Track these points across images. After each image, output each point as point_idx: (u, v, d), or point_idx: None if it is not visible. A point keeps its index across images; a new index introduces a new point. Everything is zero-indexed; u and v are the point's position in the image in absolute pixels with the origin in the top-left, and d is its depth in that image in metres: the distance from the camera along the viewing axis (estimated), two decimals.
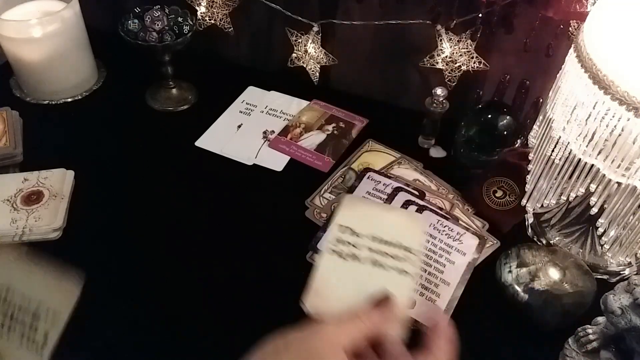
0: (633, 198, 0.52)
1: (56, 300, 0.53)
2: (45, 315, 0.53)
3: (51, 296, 0.54)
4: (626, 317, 0.47)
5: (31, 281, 0.54)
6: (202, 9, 0.86)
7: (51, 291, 0.54)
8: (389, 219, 0.54)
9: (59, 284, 0.54)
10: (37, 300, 0.53)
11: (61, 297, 0.54)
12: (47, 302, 0.53)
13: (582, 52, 0.48)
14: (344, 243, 0.51)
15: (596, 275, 0.61)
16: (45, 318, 0.53)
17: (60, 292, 0.54)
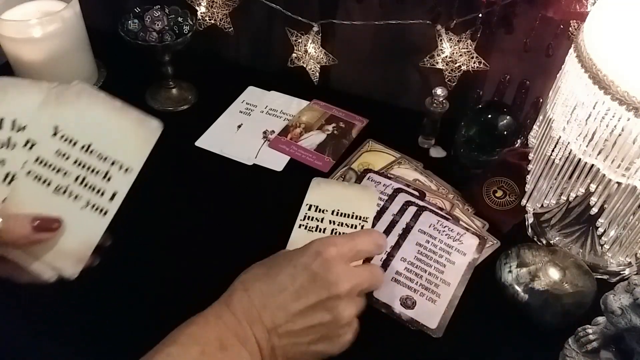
0: (633, 198, 0.52)
1: (130, 154, 0.45)
2: (117, 174, 0.45)
3: (128, 148, 0.45)
4: (626, 317, 0.47)
5: (112, 127, 0.44)
6: (202, 9, 0.86)
7: (129, 141, 0.45)
8: (347, 194, 0.66)
9: (137, 130, 0.45)
10: (113, 157, 0.44)
11: (136, 148, 0.45)
12: (123, 156, 0.45)
13: (582, 52, 0.48)
14: (310, 219, 0.65)
15: (596, 275, 0.61)
16: (116, 178, 0.45)
17: (136, 141, 0.45)
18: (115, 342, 0.58)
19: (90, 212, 0.43)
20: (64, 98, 0.43)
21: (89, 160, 0.42)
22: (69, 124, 0.42)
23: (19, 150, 0.42)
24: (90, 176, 0.42)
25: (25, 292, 0.62)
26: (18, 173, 0.42)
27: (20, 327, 0.59)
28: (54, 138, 0.42)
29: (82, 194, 0.42)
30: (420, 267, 0.63)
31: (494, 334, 0.60)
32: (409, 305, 0.60)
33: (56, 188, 0.42)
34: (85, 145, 0.42)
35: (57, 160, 0.42)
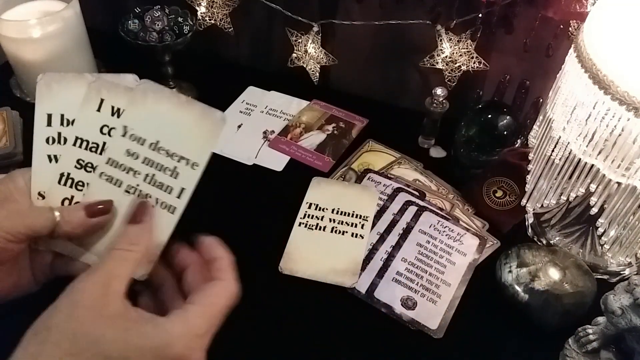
0: (633, 198, 0.52)
1: (197, 148, 0.42)
2: (184, 169, 0.42)
3: (194, 142, 0.42)
4: (626, 317, 0.47)
5: (179, 123, 0.42)
6: (202, 9, 0.86)
7: (195, 135, 0.42)
8: (348, 194, 0.68)
9: (202, 123, 0.42)
10: (180, 152, 0.42)
11: (202, 142, 0.42)
12: (189, 152, 0.42)
13: (582, 52, 0.48)
14: (310, 217, 0.66)
15: (596, 276, 0.61)
16: (183, 174, 0.43)
17: (202, 135, 0.42)
18: None
19: (160, 210, 0.42)
20: (131, 98, 0.43)
21: (157, 158, 0.41)
22: (138, 123, 0.42)
23: (69, 148, 0.42)
24: (159, 174, 0.41)
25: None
26: (92, 176, 0.42)
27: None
28: (124, 138, 0.42)
29: (152, 193, 0.41)
30: (420, 267, 0.63)
31: (494, 334, 0.60)
32: (410, 306, 0.60)
33: (127, 188, 0.42)
34: (154, 143, 0.41)
35: (127, 160, 0.42)
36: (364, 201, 0.68)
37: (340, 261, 0.63)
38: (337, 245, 0.64)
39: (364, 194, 0.69)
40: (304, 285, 0.61)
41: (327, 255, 0.64)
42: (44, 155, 0.42)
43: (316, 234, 0.66)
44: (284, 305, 0.61)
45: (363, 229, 0.65)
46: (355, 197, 0.69)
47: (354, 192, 0.70)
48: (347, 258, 0.63)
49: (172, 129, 0.41)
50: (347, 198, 0.68)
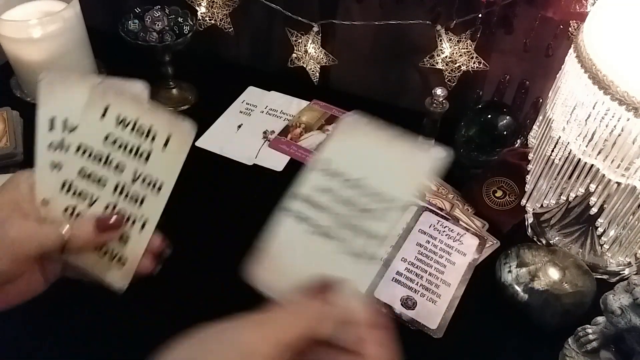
0: (633, 198, 0.52)
1: (401, 188, 0.35)
2: (388, 210, 0.35)
3: (398, 182, 0.36)
4: (626, 317, 0.47)
5: (385, 161, 0.37)
6: (202, 9, 0.86)
7: (400, 176, 0.36)
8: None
9: (408, 163, 0.37)
10: (386, 193, 0.35)
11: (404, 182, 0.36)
12: (394, 192, 0.35)
13: (582, 52, 0.49)
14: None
15: (596, 275, 0.61)
16: (390, 214, 0.35)
17: (406, 175, 0.36)
18: (115, 342, 0.58)
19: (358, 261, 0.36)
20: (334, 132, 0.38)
21: (359, 197, 0.35)
22: (341, 158, 0.37)
23: None
24: (362, 215, 0.35)
25: None
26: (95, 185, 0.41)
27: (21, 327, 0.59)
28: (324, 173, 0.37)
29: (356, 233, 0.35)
30: (420, 267, 0.63)
31: (494, 334, 0.60)
32: (410, 306, 0.60)
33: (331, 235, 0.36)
34: (357, 179, 0.36)
35: (327, 199, 0.37)
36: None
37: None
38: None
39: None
40: None
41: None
42: (47, 161, 0.41)
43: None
44: None
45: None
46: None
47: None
48: None
49: (377, 167, 0.36)
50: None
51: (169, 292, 0.62)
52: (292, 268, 0.37)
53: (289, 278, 0.36)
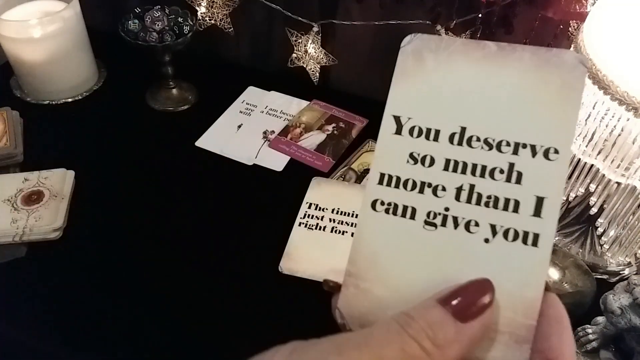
0: (632, 198, 0.52)
1: (548, 124, 0.24)
2: (530, 164, 0.24)
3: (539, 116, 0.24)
4: (626, 317, 0.47)
5: None
6: (202, 9, 0.86)
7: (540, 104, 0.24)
8: (348, 194, 0.66)
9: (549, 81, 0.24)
10: (517, 138, 0.24)
11: (554, 112, 0.24)
12: (535, 134, 0.23)
13: (582, 52, 0.49)
14: (310, 217, 0.65)
15: (596, 275, 0.61)
16: (530, 173, 0.24)
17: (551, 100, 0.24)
18: (116, 342, 0.58)
19: (509, 247, 0.23)
20: None
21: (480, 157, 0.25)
22: None
23: None
24: (485, 183, 0.25)
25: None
26: None
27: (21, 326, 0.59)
28: None
29: (486, 220, 0.24)
30: None
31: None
32: None
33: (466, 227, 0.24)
34: None
35: None
36: None
37: (340, 261, 0.62)
38: (337, 245, 0.64)
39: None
40: (304, 285, 0.61)
41: (327, 255, 0.64)
42: None
43: (316, 234, 0.66)
44: (284, 305, 0.61)
45: None
46: (355, 197, 0.69)
47: (354, 192, 0.70)
48: (347, 258, 0.63)
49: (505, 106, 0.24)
50: (347, 198, 0.69)
51: (168, 291, 0.62)
52: (405, 286, 0.24)
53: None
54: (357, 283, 0.26)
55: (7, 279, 0.62)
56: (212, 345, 0.58)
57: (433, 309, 0.22)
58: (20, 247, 0.64)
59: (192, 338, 0.58)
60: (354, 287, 0.26)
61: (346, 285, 0.26)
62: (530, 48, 0.26)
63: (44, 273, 0.63)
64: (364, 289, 0.25)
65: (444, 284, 0.23)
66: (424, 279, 0.24)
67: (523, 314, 0.23)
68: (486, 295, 0.22)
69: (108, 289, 0.62)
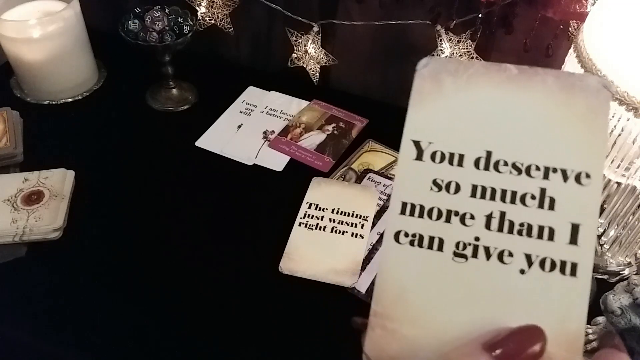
0: (633, 198, 0.52)
1: (579, 148, 0.23)
2: (562, 190, 0.23)
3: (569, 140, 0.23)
4: (626, 317, 0.47)
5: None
6: (202, 9, 0.86)
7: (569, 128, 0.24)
8: (348, 194, 0.66)
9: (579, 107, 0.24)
10: (549, 163, 0.24)
11: (584, 135, 0.23)
12: (566, 158, 0.23)
13: (582, 52, 0.49)
14: (310, 217, 0.65)
15: (596, 275, 0.61)
16: (562, 199, 0.23)
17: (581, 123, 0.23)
18: (116, 341, 0.58)
19: (545, 277, 0.22)
20: None
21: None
22: None
23: None
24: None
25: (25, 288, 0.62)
26: None
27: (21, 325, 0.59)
28: None
29: (525, 250, 0.23)
30: None
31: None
32: None
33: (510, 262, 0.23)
34: None
35: None
36: (364, 201, 0.68)
37: (340, 261, 0.63)
38: (337, 245, 0.64)
39: (364, 194, 0.69)
40: (304, 285, 0.61)
41: (327, 255, 0.63)
42: None
43: (316, 234, 0.65)
44: (284, 305, 0.61)
45: (363, 228, 0.65)
46: (355, 197, 0.69)
47: (354, 192, 0.70)
48: (348, 258, 0.63)
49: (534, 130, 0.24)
50: (347, 198, 0.68)
51: (168, 292, 0.62)
52: (438, 325, 0.23)
53: (435, 341, 0.23)
54: (385, 323, 0.24)
55: (7, 279, 0.62)
56: (212, 345, 0.58)
57: (478, 356, 0.20)
58: (20, 247, 0.64)
59: (192, 338, 0.58)
60: (381, 328, 0.24)
61: (372, 327, 0.24)
62: (552, 72, 0.24)
63: (44, 273, 0.63)
64: (392, 329, 0.23)
65: (480, 322, 0.22)
66: (458, 316, 0.22)
67: (566, 348, 0.21)
68: (537, 344, 0.21)
69: (108, 289, 0.62)
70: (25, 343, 0.59)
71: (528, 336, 0.21)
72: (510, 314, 0.22)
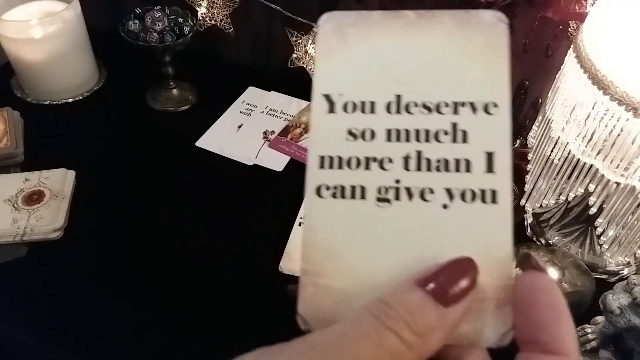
0: (632, 198, 0.52)
1: (482, 81, 0.23)
2: (473, 121, 0.22)
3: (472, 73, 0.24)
4: (625, 317, 0.47)
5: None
6: (202, 9, 0.86)
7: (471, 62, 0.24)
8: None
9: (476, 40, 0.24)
10: (457, 98, 0.23)
11: (486, 67, 0.23)
12: (472, 91, 0.23)
13: (582, 52, 0.49)
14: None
15: (595, 275, 0.61)
16: (475, 130, 0.23)
17: (482, 56, 0.24)
18: (116, 341, 0.58)
19: (469, 208, 0.22)
20: None
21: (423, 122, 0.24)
22: None
23: None
24: (432, 147, 0.23)
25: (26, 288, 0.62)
26: None
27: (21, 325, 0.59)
28: None
29: (440, 184, 0.23)
30: None
31: None
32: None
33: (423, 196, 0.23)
34: None
35: None
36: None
37: None
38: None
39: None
40: None
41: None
42: None
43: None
44: (284, 306, 0.61)
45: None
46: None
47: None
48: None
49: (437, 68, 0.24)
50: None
51: (169, 292, 0.62)
52: (369, 272, 0.22)
53: (368, 289, 0.22)
54: (316, 281, 0.23)
55: (7, 279, 0.62)
56: (212, 345, 0.58)
57: (411, 293, 0.20)
58: (20, 247, 0.64)
59: (192, 338, 0.58)
60: (313, 285, 0.23)
61: (304, 286, 0.23)
62: (448, 12, 0.24)
63: (45, 273, 0.63)
64: (324, 285, 0.23)
65: (411, 262, 0.21)
66: (389, 261, 0.22)
67: (497, 275, 0.21)
68: (469, 275, 0.20)
69: (108, 289, 0.62)
70: (26, 343, 0.59)
71: (459, 268, 0.21)
72: (439, 250, 0.22)
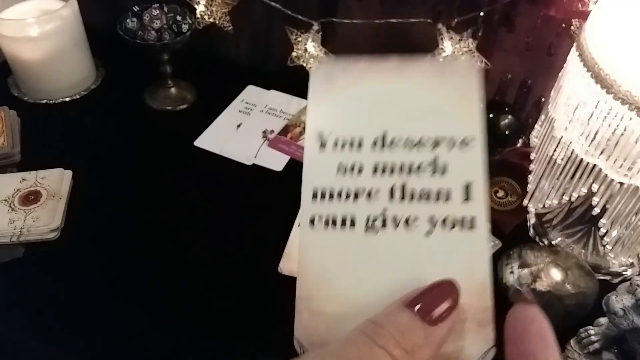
0: (635, 198, 0.51)
1: (459, 117, 0.26)
2: (451, 155, 0.25)
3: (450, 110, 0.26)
4: (628, 318, 0.47)
5: None
6: (201, 7, 0.85)
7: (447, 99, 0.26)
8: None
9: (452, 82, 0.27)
10: (436, 133, 0.26)
11: (462, 104, 0.26)
12: (450, 126, 0.26)
13: (584, 51, 0.48)
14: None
15: (598, 276, 0.61)
16: (453, 162, 0.25)
17: (457, 94, 0.27)
18: (115, 342, 0.58)
19: (452, 235, 0.24)
20: None
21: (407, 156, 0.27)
22: None
23: None
24: (415, 179, 0.26)
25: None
26: None
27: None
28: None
29: (422, 213, 0.25)
30: None
31: (495, 335, 0.59)
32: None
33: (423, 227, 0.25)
34: None
35: None
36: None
37: None
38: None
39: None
40: None
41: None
42: None
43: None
44: (283, 306, 0.61)
45: None
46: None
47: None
48: None
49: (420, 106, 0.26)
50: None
51: (167, 293, 0.62)
52: (360, 297, 0.24)
53: (359, 313, 0.22)
54: (310, 306, 0.25)
55: (4, 279, 0.62)
56: (211, 346, 0.57)
57: (401, 313, 0.21)
58: (17, 247, 0.64)
59: (192, 338, 0.58)
60: (308, 311, 0.26)
61: (299, 312, 0.26)
62: (427, 60, 0.29)
63: (42, 273, 0.63)
64: (319, 311, 0.25)
65: (399, 287, 0.23)
66: (377, 286, 0.24)
67: (477, 297, 0.24)
68: (452, 296, 0.22)
69: (106, 290, 0.62)
70: (23, 343, 0.58)
71: (442, 289, 0.22)
72: (424, 273, 0.23)
